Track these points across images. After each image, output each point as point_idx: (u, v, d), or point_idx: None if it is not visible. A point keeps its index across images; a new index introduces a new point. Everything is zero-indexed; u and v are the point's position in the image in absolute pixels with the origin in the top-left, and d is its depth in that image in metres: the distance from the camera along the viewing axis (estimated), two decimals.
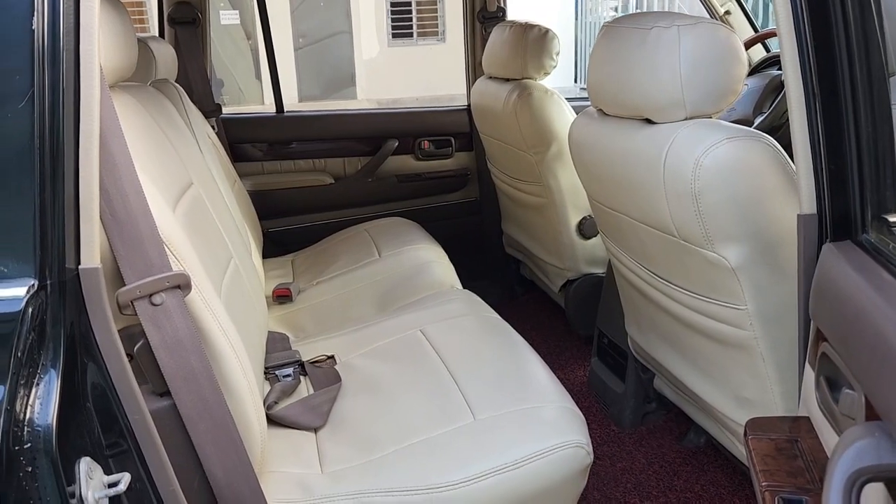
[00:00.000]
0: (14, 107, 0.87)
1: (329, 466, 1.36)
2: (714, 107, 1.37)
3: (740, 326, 1.38)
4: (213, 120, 2.74)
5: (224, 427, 1.16)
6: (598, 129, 1.60)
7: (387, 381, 1.60)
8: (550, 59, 2.40)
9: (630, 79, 1.42)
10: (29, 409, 0.86)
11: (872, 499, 0.76)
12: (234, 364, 1.23)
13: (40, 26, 0.88)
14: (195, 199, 1.54)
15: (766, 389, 1.40)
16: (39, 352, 0.89)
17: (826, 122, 1.03)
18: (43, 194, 0.89)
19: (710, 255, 1.34)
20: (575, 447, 1.31)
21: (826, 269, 0.96)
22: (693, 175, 1.29)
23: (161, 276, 1.09)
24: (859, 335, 0.80)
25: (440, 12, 13.36)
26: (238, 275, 1.63)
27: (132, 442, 1.03)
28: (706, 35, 1.33)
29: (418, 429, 1.39)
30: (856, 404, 0.82)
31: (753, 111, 2.68)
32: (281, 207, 2.96)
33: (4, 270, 0.88)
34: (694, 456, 2.01)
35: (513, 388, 1.47)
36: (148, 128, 1.46)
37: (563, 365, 2.60)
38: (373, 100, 13.24)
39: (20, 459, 0.85)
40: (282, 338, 1.94)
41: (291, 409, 1.51)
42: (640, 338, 1.90)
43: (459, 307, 1.90)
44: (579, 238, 2.43)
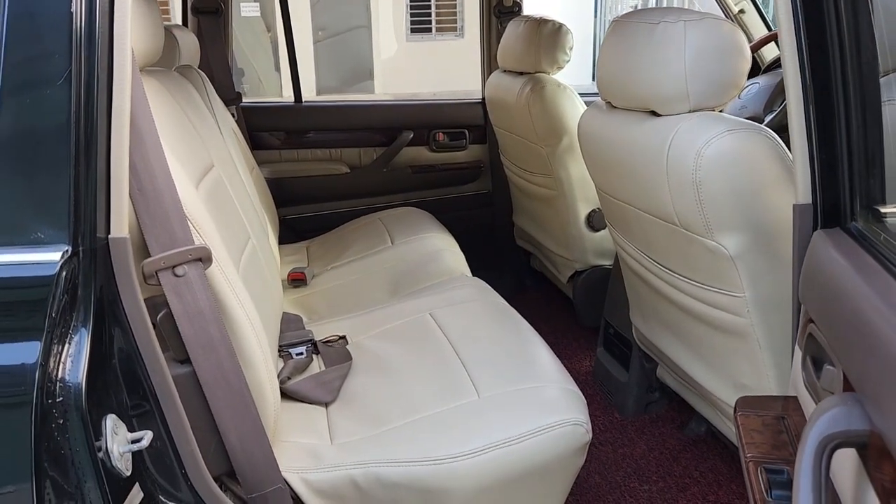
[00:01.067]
0: (52, 85, 0.93)
1: (339, 438, 1.43)
2: (717, 100, 1.41)
3: (738, 314, 1.43)
4: (234, 108, 2.81)
5: (240, 394, 1.23)
6: (605, 120, 1.65)
7: (395, 360, 1.66)
8: (564, 53, 2.45)
9: (637, 72, 1.47)
10: (61, 366, 0.93)
11: (845, 464, 0.81)
12: (250, 335, 1.29)
13: (78, 9, 0.94)
14: (216, 180, 1.60)
15: (762, 375, 1.45)
16: (71, 313, 0.96)
17: (819, 115, 1.08)
18: (77, 167, 0.96)
19: (709, 243, 1.39)
20: (573, 425, 1.36)
21: (815, 254, 1.00)
22: (695, 165, 1.33)
23: (184, 248, 1.15)
24: (839, 313, 0.85)
25: (459, 7, 13.39)
26: (255, 255, 1.69)
27: (154, 403, 1.10)
28: (711, 30, 1.38)
29: (424, 405, 1.45)
30: (835, 379, 0.87)
31: (764, 109, 2.71)
32: (297, 195, 3.02)
33: (41, 237, 0.94)
34: (694, 444, 2.06)
35: (517, 368, 1.53)
36: (173, 110, 1.53)
37: (569, 355, 2.64)
38: (390, 94, 13.30)
39: (53, 412, 0.92)
40: (296, 318, 2.01)
41: (304, 384, 1.58)
42: (643, 326, 1.94)
43: (468, 293, 1.96)
44: (588, 230, 2.48)
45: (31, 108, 0.93)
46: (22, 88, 0.93)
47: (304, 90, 3.12)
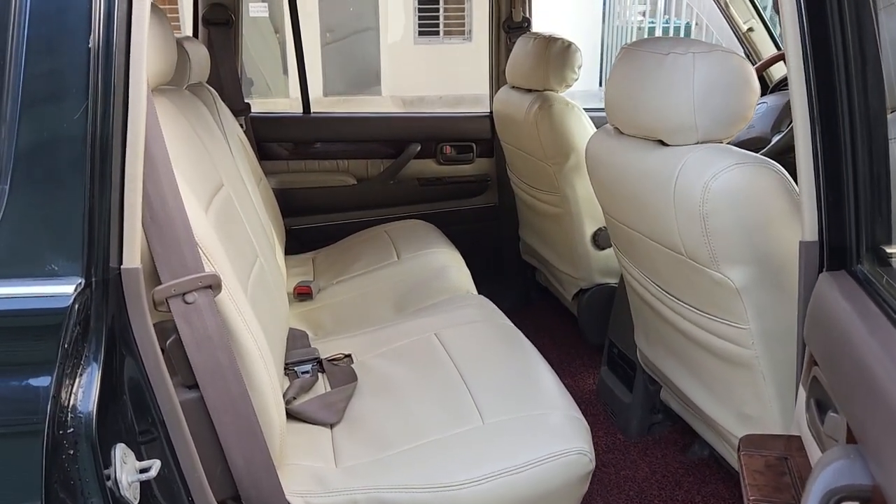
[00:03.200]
0: (69, 118, 0.94)
1: (343, 461, 1.43)
2: (725, 132, 1.42)
3: (743, 345, 1.43)
4: (242, 118, 2.83)
5: (247, 420, 1.24)
6: (613, 146, 1.66)
7: (400, 381, 1.67)
8: (572, 71, 2.46)
9: (645, 101, 1.48)
10: (73, 397, 0.94)
11: None
12: (257, 361, 1.30)
13: (96, 45, 0.95)
14: (225, 200, 1.61)
15: (766, 407, 1.45)
16: (83, 344, 0.97)
17: (826, 153, 1.08)
18: (92, 199, 0.97)
19: (715, 275, 1.40)
20: (578, 454, 1.37)
21: (820, 298, 1.01)
22: (702, 198, 1.34)
23: (194, 276, 1.16)
24: (842, 361, 0.86)
25: (467, 11, 13.41)
26: (263, 273, 1.71)
27: (162, 430, 1.11)
28: (720, 63, 1.38)
29: (429, 430, 1.46)
30: (839, 427, 0.88)
31: (771, 129, 2.72)
32: (304, 206, 3.03)
33: (55, 269, 0.95)
34: (697, 468, 2.06)
35: (521, 394, 1.54)
36: (184, 131, 1.54)
37: (573, 372, 2.65)
38: (397, 97, 13.32)
39: (63, 443, 0.93)
40: (301, 335, 2.02)
41: (309, 405, 1.59)
42: (647, 350, 1.95)
43: (474, 313, 1.97)
44: (594, 248, 2.48)
45: (48, 143, 0.94)
46: (39, 123, 0.94)
47: (312, 92, 3.12)
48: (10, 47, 0.93)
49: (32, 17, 0.93)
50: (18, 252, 0.95)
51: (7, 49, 0.93)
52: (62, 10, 0.94)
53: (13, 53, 0.93)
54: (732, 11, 2.92)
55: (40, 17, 0.93)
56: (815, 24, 1.06)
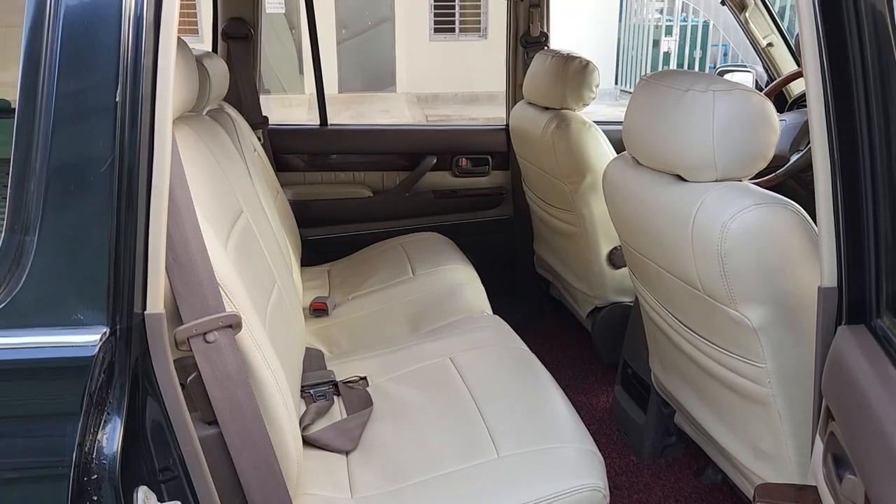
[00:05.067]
0: (97, 171, 0.96)
1: (358, 491, 1.45)
2: (744, 171, 1.42)
3: (759, 383, 1.43)
4: (260, 131, 2.84)
5: (264, 455, 1.26)
6: (631, 176, 1.66)
7: (416, 408, 1.68)
8: (590, 90, 2.45)
9: (664, 136, 1.48)
10: (97, 443, 0.96)
11: None
12: (276, 396, 1.32)
13: (122, 98, 0.96)
14: (244, 228, 1.63)
15: (782, 444, 1.45)
16: (108, 391, 0.99)
17: (846, 203, 1.08)
18: (118, 249, 0.98)
19: (733, 313, 1.40)
20: (592, 490, 1.38)
21: (838, 354, 1.01)
22: (720, 238, 1.34)
23: (215, 316, 1.18)
24: (862, 427, 0.86)
25: (483, 8, 13.39)
26: (280, 299, 1.72)
27: (182, 469, 1.13)
28: (740, 101, 1.38)
29: (443, 461, 1.47)
30: (857, 490, 0.88)
31: (790, 148, 2.70)
32: (320, 217, 3.05)
33: (81, 318, 0.97)
34: (710, 493, 2.06)
35: (536, 426, 1.54)
36: (205, 160, 1.56)
37: (586, 389, 2.66)
38: (412, 94, 13.33)
39: (88, 489, 0.95)
40: (318, 355, 2.03)
41: (325, 433, 1.60)
42: (662, 376, 1.95)
43: (489, 336, 1.98)
44: (609, 267, 2.48)
45: (75, 195, 0.96)
46: (67, 176, 0.96)
47: (327, 89, 3.10)
48: (39, 104, 0.95)
49: (61, 75, 0.95)
50: (45, 302, 0.97)
51: (36, 106, 0.94)
52: (87, 67, 0.95)
53: (42, 110, 0.94)
54: (752, 27, 2.90)
55: (67, 79, 0.95)
56: (833, 42, 1.04)
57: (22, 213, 0.96)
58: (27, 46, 0.96)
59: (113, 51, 0.97)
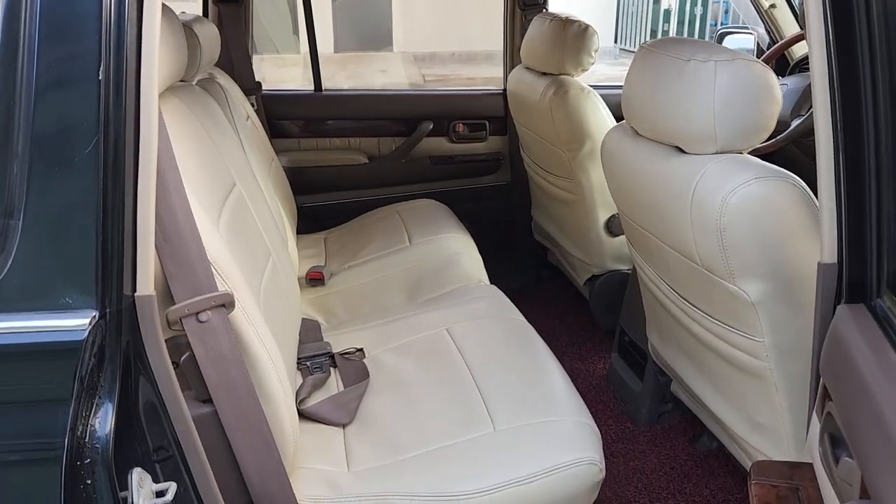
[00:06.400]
0: (81, 152, 0.93)
1: (355, 465, 1.45)
2: (745, 143, 1.39)
3: (756, 356, 1.43)
4: (253, 97, 2.80)
5: (260, 433, 1.25)
6: (630, 148, 1.63)
7: (412, 381, 1.68)
8: (589, 56, 2.41)
9: (664, 107, 1.45)
10: (90, 427, 0.95)
11: None
12: (271, 373, 1.31)
13: (105, 77, 0.93)
14: (237, 201, 1.60)
15: (778, 417, 1.45)
16: (99, 375, 0.98)
17: (849, 177, 1.05)
18: (105, 231, 0.96)
19: (731, 287, 1.38)
20: (588, 464, 1.38)
21: (836, 334, 1.00)
22: (719, 212, 1.32)
23: (208, 295, 1.16)
24: (860, 412, 0.85)
25: None
26: (275, 273, 1.70)
27: (177, 450, 1.12)
28: (742, 72, 1.35)
29: (440, 435, 1.47)
30: (853, 474, 0.87)
31: (791, 113, 2.66)
32: (315, 184, 3.02)
33: (69, 302, 0.95)
34: (705, 460, 2.08)
35: (533, 399, 1.54)
36: (195, 133, 1.52)
37: (583, 356, 2.66)
38: (409, 53, 13.13)
39: (81, 473, 0.94)
40: (314, 325, 2.03)
41: (322, 407, 1.60)
42: (660, 346, 1.95)
43: (486, 306, 1.97)
44: (607, 235, 2.46)
45: (60, 178, 0.93)
46: (51, 158, 0.93)
47: (321, 48, 3.04)
48: (18, 81, 0.92)
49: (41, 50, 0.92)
50: (32, 286, 0.95)
51: (16, 84, 0.91)
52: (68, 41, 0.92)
53: (22, 88, 0.91)
54: None
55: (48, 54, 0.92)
56: (838, 5, 1.01)
57: (5, 196, 0.94)
58: (4, 20, 0.93)
59: (94, 23, 0.94)
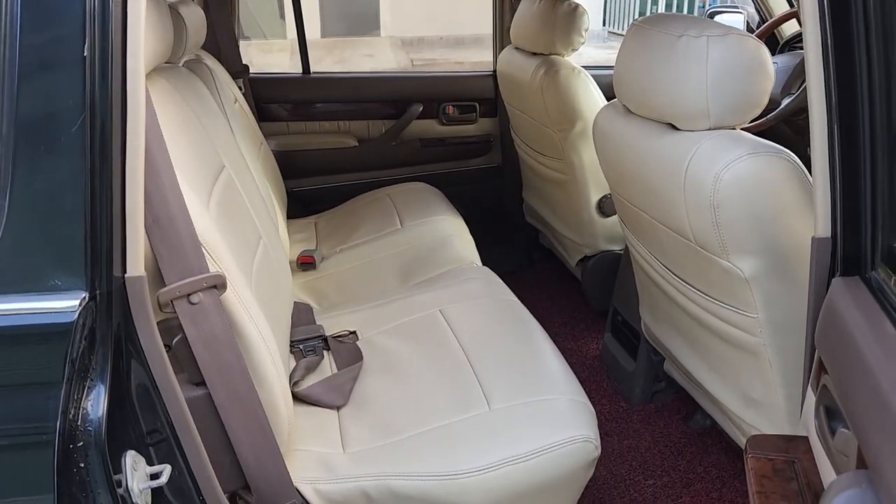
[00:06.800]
0: (68, 130, 0.92)
1: (350, 447, 1.45)
2: (738, 119, 1.39)
3: (750, 332, 1.43)
4: (241, 80, 2.77)
5: (254, 414, 1.25)
6: (623, 126, 1.62)
7: (406, 362, 1.67)
8: (579, 35, 2.39)
9: (656, 84, 1.44)
10: (82, 410, 0.94)
11: None
12: (264, 354, 1.30)
13: (91, 53, 0.91)
14: (226, 183, 1.59)
15: (772, 392, 1.46)
16: (90, 357, 0.96)
17: (844, 151, 1.05)
18: (93, 211, 0.95)
19: (724, 264, 1.38)
20: (583, 441, 1.38)
21: (832, 307, 1.00)
22: (713, 188, 1.31)
23: (199, 277, 1.15)
24: (856, 383, 0.85)
25: None
26: (266, 254, 1.69)
27: (171, 432, 1.11)
28: (735, 47, 1.34)
29: (435, 415, 1.47)
30: (849, 444, 0.87)
31: (781, 92, 2.66)
32: (305, 168, 3.00)
33: (58, 283, 0.94)
34: (699, 437, 2.09)
35: (527, 378, 1.54)
36: (182, 115, 1.50)
37: (576, 337, 2.66)
38: (396, 38, 13.05)
39: (74, 456, 0.93)
40: (306, 309, 2.02)
41: (316, 389, 1.59)
42: (653, 325, 1.95)
43: (478, 287, 1.96)
44: (599, 216, 2.46)
45: (46, 158, 0.92)
46: (36, 138, 0.91)
47: (308, 33, 3.01)
48: (2, 60, 0.90)
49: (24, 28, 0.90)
50: (19, 268, 0.93)
51: None
52: (52, 19, 0.90)
53: (6, 67, 0.89)
54: None
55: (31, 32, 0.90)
56: None
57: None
58: None
59: (78, 1, 0.92)
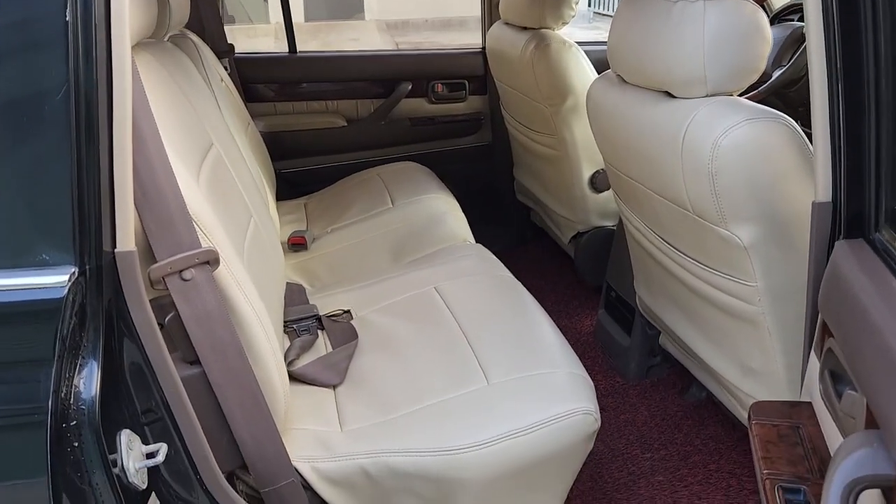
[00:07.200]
0: (51, 100, 0.89)
1: (348, 424, 1.43)
2: (736, 84, 1.37)
3: (749, 301, 1.42)
4: (226, 60, 2.72)
5: (250, 392, 1.22)
6: (617, 96, 1.60)
7: (402, 339, 1.65)
8: (569, 8, 2.36)
9: (652, 51, 1.42)
10: (74, 388, 0.92)
11: (867, 501, 0.81)
12: (258, 331, 1.28)
13: (73, 18, 0.88)
14: (216, 160, 1.56)
15: (771, 360, 1.45)
16: (81, 334, 0.94)
17: (848, 112, 1.03)
18: (80, 183, 0.92)
19: (723, 232, 1.37)
20: (583, 414, 1.37)
21: (836, 269, 0.98)
22: (711, 155, 1.30)
23: (191, 252, 1.12)
24: (865, 343, 0.84)
25: None
26: (258, 233, 1.66)
27: (166, 411, 1.09)
28: (732, 11, 1.32)
29: (433, 391, 1.45)
30: (857, 406, 0.86)
31: (773, 64, 2.65)
32: (294, 149, 2.96)
33: (46, 258, 0.91)
34: (695, 410, 2.09)
35: (525, 352, 1.52)
36: (169, 90, 1.47)
37: (570, 314, 2.66)
38: (381, 21, 12.93)
39: (68, 436, 0.91)
40: (299, 289, 1.99)
41: (311, 367, 1.57)
42: (648, 298, 1.94)
43: (473, 264, 1.94)
44: (591, 191, 2.44)
45: (30, 129, 0.89)
46: (19, 108, 0.88)
47: (292, 16, 2.96)
48: None
49: None
50: (6, 242, 0.91)
51: None
52: None
53: None
54: None
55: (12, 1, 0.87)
56: None
57: None
58: None
59: None
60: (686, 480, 1.85)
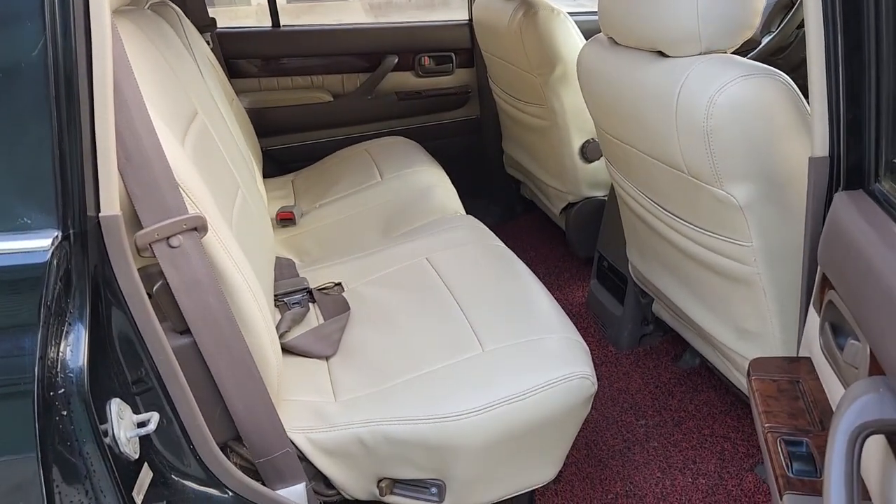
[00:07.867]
0: (28, 56, 0.85)
1: (342, 395, 1.41)
2: (730, 41, 1.35)
3: (744, 262, 1.41)
4: (208, 35, 2.67)
5: (242, 361, 1.20)
6: (608, 58, 1.58)
7: (395, 309, 1.63)
8: None
9: (644, 10, 1.39)
10: (61, 356, 0.89)
11: (872, 448, 0.80)
12: (249, 300, 1.25)
13: None
14: (201, 129, 1.52)
15: (766, 322, 1.44)
16: (67, 300, 0.91)
17: (847, 64, 1.01)
18: (61, 144, 0.89)
19: (718, 192, 1.35)
20: (580, 378, 1.36)
21: (836, 220, 0.97)
22: (706, 113, 1.28)
23: (178, 218, 1.09)
24: (869, 291, 0.83)
25: None
26: (246, 205, 1.63)
27: (157, 380, 1.07)
28: None
29: (428, 359, 1.44)
30: (860, 355, 0.85)
31: (761, 30, 2.63)
32: (279, 125, 2.92)
33: (28, 222, 0.88)
34: (688, 377, 2.09)
35: (519, 319, 1.51)
36: (151, 57, 1.43)
37: (561, 286, 2.64)
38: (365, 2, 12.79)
39: (56, 404, 0.88)
40: (288, 263, 1.97)
41: (303, 339, 1.55)
42: (641, 265, 1.93)
43: (464, 235, 1.92)
44: (582, 161, 2.42)
45: (6, 86, 0.85)
46: None
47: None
48: None
49: None
50: None
51: None
52: None
53: None
54: None
55: None
56: None
57: None
58: None
59: None
60: (680, 446, 1.85)
